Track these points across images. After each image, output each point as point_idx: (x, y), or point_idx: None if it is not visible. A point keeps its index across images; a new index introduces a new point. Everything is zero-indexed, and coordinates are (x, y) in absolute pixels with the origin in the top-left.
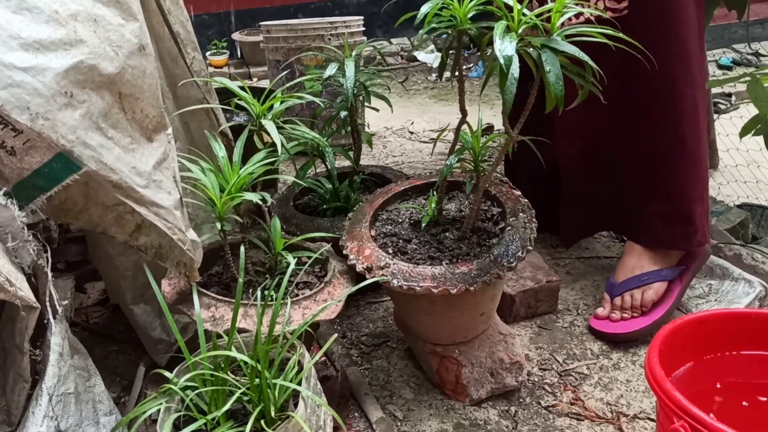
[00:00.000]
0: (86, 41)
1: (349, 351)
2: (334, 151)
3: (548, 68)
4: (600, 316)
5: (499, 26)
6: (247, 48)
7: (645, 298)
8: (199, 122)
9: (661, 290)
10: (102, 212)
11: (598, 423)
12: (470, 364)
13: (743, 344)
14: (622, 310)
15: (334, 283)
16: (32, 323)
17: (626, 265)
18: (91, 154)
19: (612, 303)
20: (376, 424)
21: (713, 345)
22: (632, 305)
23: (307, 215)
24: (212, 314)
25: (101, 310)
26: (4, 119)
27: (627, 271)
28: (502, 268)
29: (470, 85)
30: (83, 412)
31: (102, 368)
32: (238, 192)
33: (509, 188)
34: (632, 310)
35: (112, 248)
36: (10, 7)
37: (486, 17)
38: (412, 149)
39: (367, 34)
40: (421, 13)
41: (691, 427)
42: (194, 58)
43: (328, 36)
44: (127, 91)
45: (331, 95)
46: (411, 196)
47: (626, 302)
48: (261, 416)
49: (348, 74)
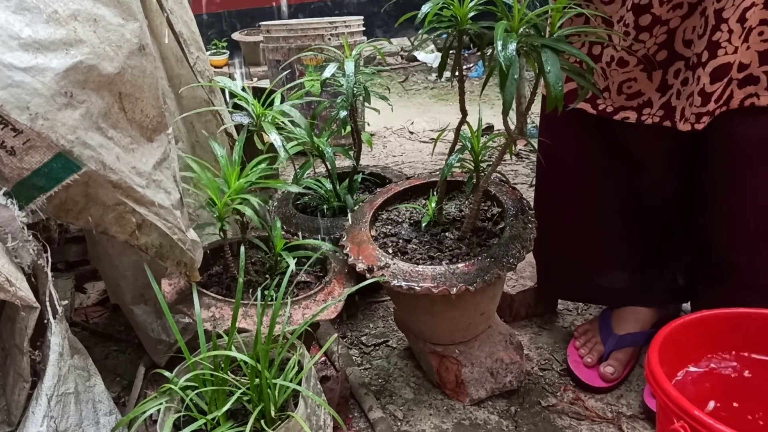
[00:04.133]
0: (86, 41)
1: (349, 351)
2: (334, 151)
3: (548, 68)
4: (589, 364)
5: (500, 26)
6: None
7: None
8: (204, 122)
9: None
10: (103, 212)
11: (598, 423)
12: (470, 363)
13: (743, 344)
14: (618, 362)
15: (334, 283)
16: (32, 323)
17: (626, 317)
18: (90, 154)
19: (613, 356)
20: (376, 424)
21: (713, 345)
22: (629, 361)
23: (307, 215)
24: (212, 314)
25: (101, 310)
26: (4, 119)
27: (629, 324)
28: (502, 268)
29: (470, 85)
30: (83, 412)
31: (102, 368)
32: (238, 194)
33: (509, 188)
34: (625, 365)
35: (112, 248)
36: (10, 7)
37: (486, 17)
38: (412, 149)
39: (367, 34)
40: (421, 13)
41: (691, 428)
42: (198, 57)
43: (328, 36)
44: (127, 91)
45: (331, 95)
46: (411, 196)
47: (626, 356)
48: (261, 416)
49: (348, 74)
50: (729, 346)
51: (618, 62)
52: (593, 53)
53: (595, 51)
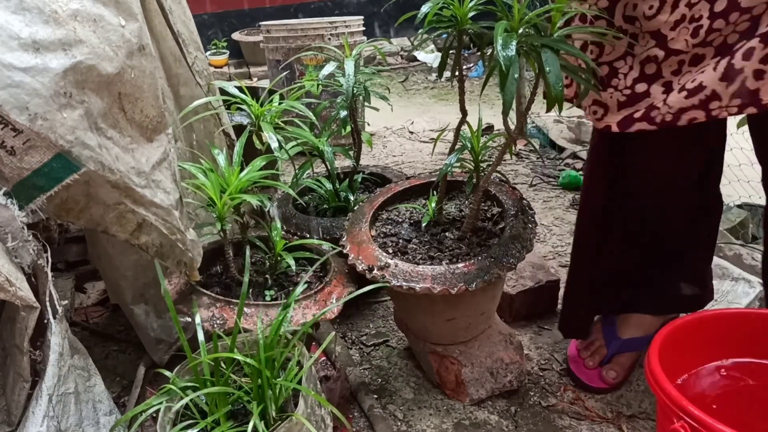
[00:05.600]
0: (85, 41)
1: (349, 351)
2: (334, 151)
3: (548, 68)
4: (591, 366)
5: (500, 27)
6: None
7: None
8: (202, 122)
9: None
10: (103, 211)
11: (598, 423)
12: (470, 363)
13: (743, 344)
14: (620, 366)
15: (334, 283)
16: (32, 323)
17: (630, 322)
18: (90, 154)
19: (615, 359)
20: (376, 424)
21: (713, 345)
22: (631, 365)
23: (308, 215)
24: (212, 314)
25: (101, 310)
26: (4, 119)
27: (634, 328)
28: (502, 267)
29: (470, 85)
30: (83, 411)
31: (102, 368)
32: (238, 193)
33: (509, 188)
34: (627, 369)
35: (112, 248)
36: (10, 7)
37: (486, 17)
38: (412, 149)
39: (367, 34)
40: (421, 13)
41: (690, 428)
42: (196, 57)
43: (328, 36)
44: (127, 91)
45: (331, 95)
46: (411, 196)
47: (629, 360)
48: (261, 416)
49: (348, 74)
50: (729, 346)
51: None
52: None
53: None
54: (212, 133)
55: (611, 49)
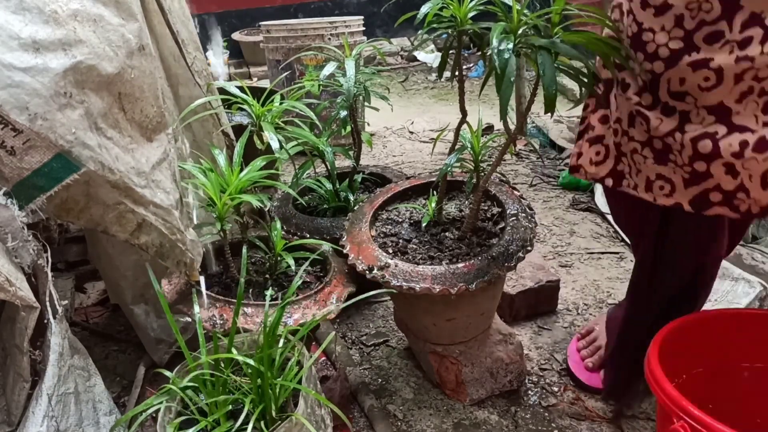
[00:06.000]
0: (85, 41)
1: (349, 351)
2: (334, 151)
3: (542, 70)
4: (591, 369)
5: (497, 28)
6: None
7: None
8: (201, 122)
9: None
10: (103, 211)
11: (598, 423)
12: (470, 363)
13: (742, 344)
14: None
15: (334, 283)
16: (32, 323)
17: None
18: (89, 154)
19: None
20: (376, 424)
21: (713, 345)
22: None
23: (307, 215)
24: (212, 314)
25: (101, 310)
26: (4, 119)
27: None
28: (502, 267)
29: (470, 85)
30: (83, 411)
31: (102, 368)
32: (238, 193)
33: (509, 188)
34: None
35: (112, 248)
36: (10, 7)
37: (486, 17)
38: (412, 149)
39: (367, 34)
40: (421, 13)
41: (690, 428)
42: (195, 57)
43: (328, 36)
44: (127, 91)
45: (331, 95)
46: (411, 196)
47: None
48: (261, 416)
49: (348, 74)
50: (728, 346)
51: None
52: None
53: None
54: (211, 133)
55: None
